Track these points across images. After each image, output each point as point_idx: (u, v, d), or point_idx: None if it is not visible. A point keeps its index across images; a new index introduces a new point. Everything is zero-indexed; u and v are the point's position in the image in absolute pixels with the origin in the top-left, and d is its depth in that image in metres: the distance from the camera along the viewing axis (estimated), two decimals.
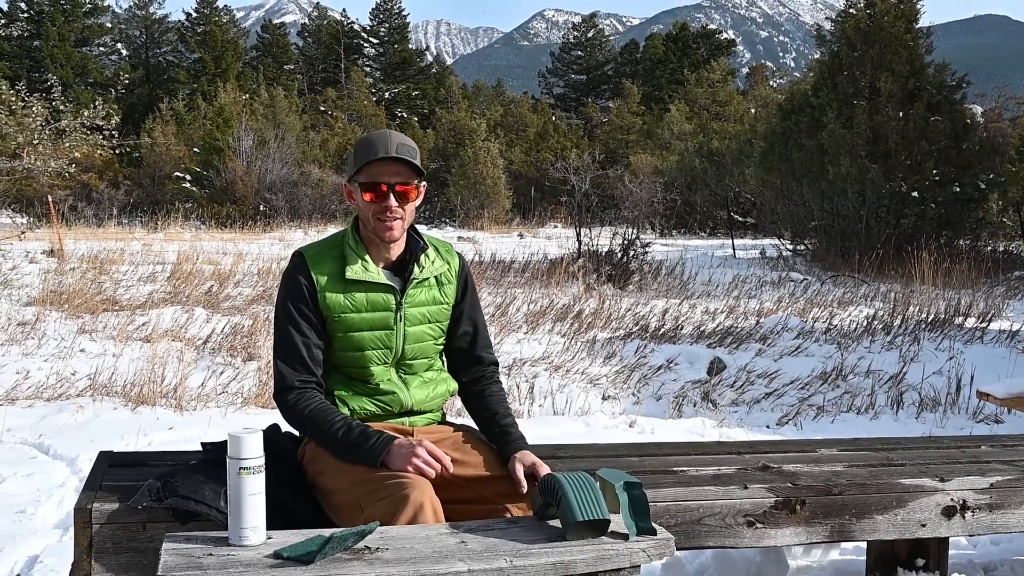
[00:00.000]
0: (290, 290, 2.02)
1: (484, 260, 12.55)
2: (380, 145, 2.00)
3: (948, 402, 5.59)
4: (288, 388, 2.00)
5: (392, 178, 2.01)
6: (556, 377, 5.86)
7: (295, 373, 2.00)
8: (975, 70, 23.41)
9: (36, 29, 43.94)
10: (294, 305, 2.01)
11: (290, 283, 2.02)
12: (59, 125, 13.40)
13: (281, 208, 25.82)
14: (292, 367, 2.00)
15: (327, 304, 2.01)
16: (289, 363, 2.00)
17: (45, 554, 2.95)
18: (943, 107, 15.38)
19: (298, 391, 1.99)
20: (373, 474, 1.87)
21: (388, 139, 2.02)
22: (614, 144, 39.59)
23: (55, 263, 11.43)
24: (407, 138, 2.06)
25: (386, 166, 2.00)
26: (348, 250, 2.04)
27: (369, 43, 58.91)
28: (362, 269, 2.03)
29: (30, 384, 5.21)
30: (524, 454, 2.00)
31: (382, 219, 2.01)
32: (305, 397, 1.99)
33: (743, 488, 2.29)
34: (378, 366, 2.05)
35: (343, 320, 2.01)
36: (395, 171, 2.01)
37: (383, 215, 2.01)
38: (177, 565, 1.53)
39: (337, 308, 2.01)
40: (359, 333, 2.02)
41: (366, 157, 2.01)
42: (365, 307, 2.03)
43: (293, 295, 2.01)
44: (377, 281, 2.04)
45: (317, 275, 2.01)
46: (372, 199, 2.01)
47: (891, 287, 10.97)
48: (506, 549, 1.63)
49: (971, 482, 2.44)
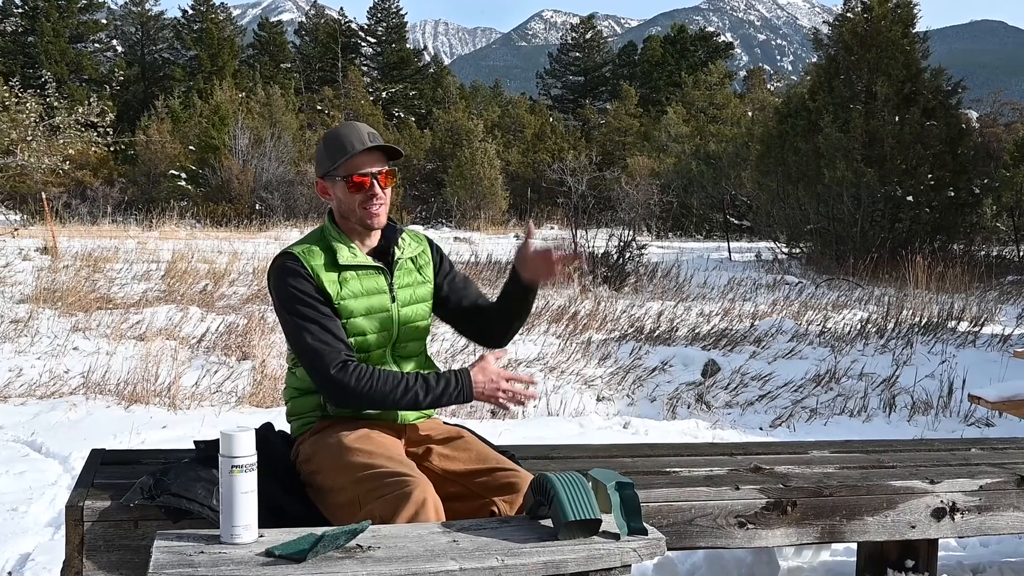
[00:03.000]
0: (291, 279, 1.99)
1: (480, 261, 12.54)
2: (354, 138, 2.04)
3: (940, 405, 5.61)
4: (343, 363, 1.93)
5: (373, 167, 2.05)
6: (551, 378, 5.86)
7: (338, 348, 1.96)
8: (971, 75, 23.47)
9: (31, 25, 43.75)
10: (300, 290, 1.98)
11: (289, 273, 2.00)
12: (53, 122, 13.35)
13: (277, 207, 25.78)
14: (330, 344, 1.95)
15: (326, 291, 2.01)
16: (325, 342, 1.95)
17: (37, 552, 2.95)
18: (939, 112, 15.44)
19: (353, 363, 1.95)
20: (373, 471, 1.87)
21: (359, 131, 2.06)
22: (611, 146, 39.64)
23: (49, 260, 11.38)
24: (368, 126, 2.11)
25: (364, 157, 2.04)
26: (333, 241, 2.06)
27: (366, 42, 58.84)
28: (351, 255, 2.05)
29: (23, 382, 5.19)
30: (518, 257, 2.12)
31: (368, 208, 2.05)
32: (363, 369, 1.95)
33: (735, 489, 2.30)
34: (377, 350, 2.07)
35: (342, 307, 2.02)
36: (375, 160, 2.06)
37: (369, 204, 2.04)
38: (168, 563, 1.53)
39: (336, 295, 2.01)
40: (359, 318, 2.03)
41: (344, 152, 2.03)
42: (361, 292, 2.04)
43: (295, 282, 1.99)
44: (368, 264, 2.07)
45: (311, 265, 2.01)
46: (358, 191, 2.04)
47: (885, 291, 11.00)
48: (498, 548, 1.63)
49: (961, 484, 2.45)
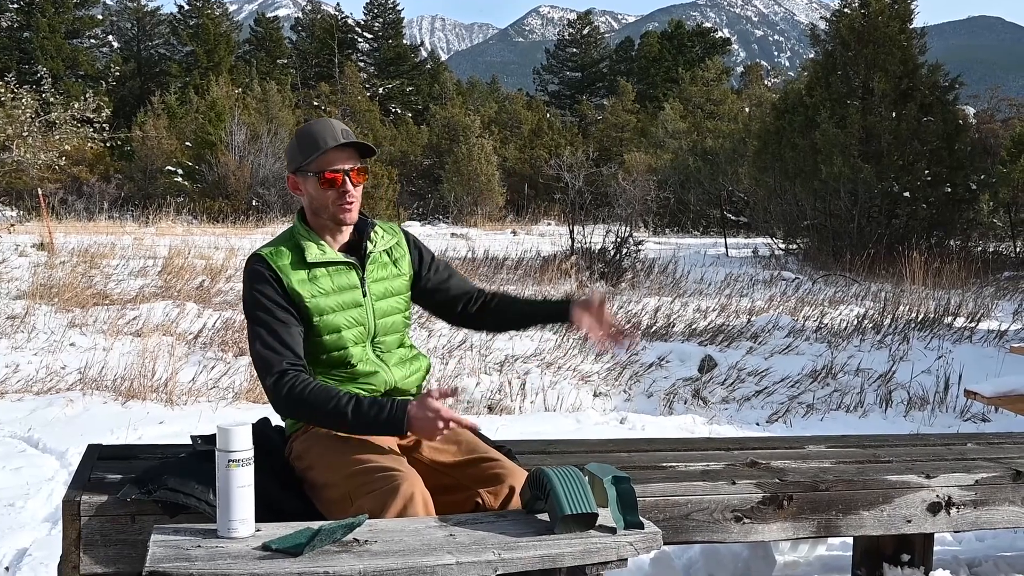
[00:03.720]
0: (255, 283, 2.00)
1: (477, 257, 12.54)
2: (327, 134, 2.03)
3: (936, 400, 5.63)
4: (280, 372, 1.93)
5: (346, 164, 2.05)
6: (548, 374, 5.87)
7: (281, 357, 1.95)
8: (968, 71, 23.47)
9: (26, 20, 43.57)
10: (263, 295, 1.98)
11: (253, 277, 2.01)
12: (49, 117, 13.32)
13: (274, 203, 25.71)
14: (276, 352, 1.95)
15: (295, 291, 2.00)
16: (272, 349, 1.95)
17: (34, 547, 2.95)
18: (936, 108, 15.44)
19: (292, 373, 1.94)
20: (362, 466, 1.87)
21: (331, 127, 2.05)
22: (608, 142, 39.63)
23: (45, 256, 11.35)
24: (342, 123, 2.11)
25: (337, 154, 2.04)
26: (302, 240, 2.06)
27: (363, 38, 58.73)
28: (320, 252, 2.05)
29: (19, 378, 5.18)
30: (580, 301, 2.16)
31: (341, 204, 2.05)
32: (299, 379, 1.93)
33: (731, 484, 2.30)
34: (356, 346, 2.05)
35: (314, 305, 2.01)
36: (347, 157, 2.05)
37: (341, 200, 2.05)
38: (165, 557, 1.53)
39: (307, 294, 2.01)
40: (332, 315, 2.03)
41: (316, 148, 2.02)
42: (332, 289, 2.04)
43: (259, 286, 1.99)
44: (338, 260, 2.06)
45: (279, 266, 2.01)
46: (330, 187, 2.04)
47: (882, 286, 11.01)
48: (494, 542, 1.64)
49: (957, 479, 2.46)
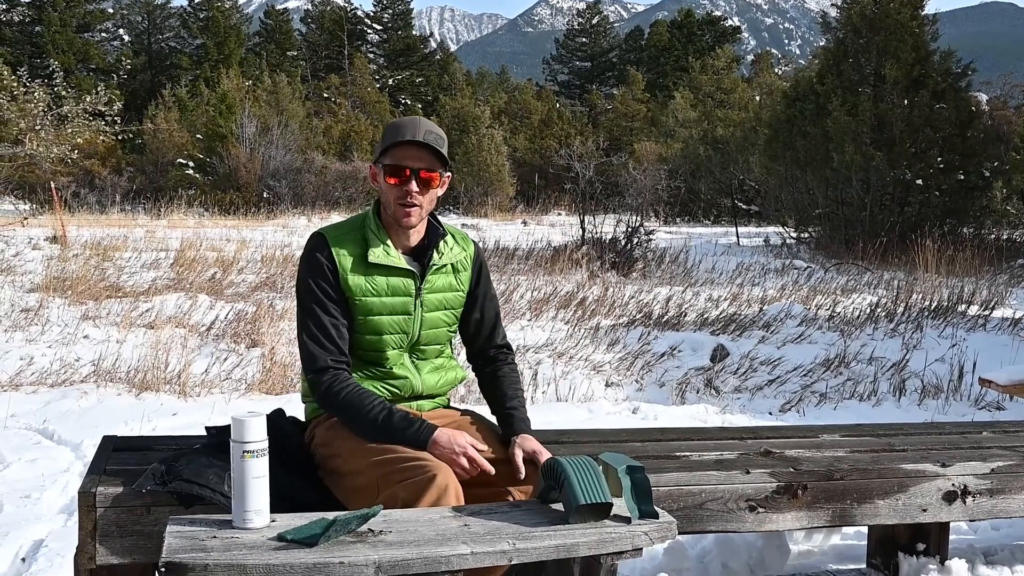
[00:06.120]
0: (312, 269, 2.01)
1: (488, 247, 12.53)
2: (408, 129, 2.00)
3: (950, 389, 5.59)
4: (322, 369, 1.97)
5: (415, 163, 2.01)
6: (560, 364, 5.86)
7: (326, 353, 1.98)
8: (981, 58, 23.18)
9: (37, 15, 43.76)
10: (317, 284, 1.99)
11: (312, 262, 2.01)
12: (61, 111, 13.38)
13: (284, 195, 25.79)
14: (322, 347, 1.98)
15: (349, 286, 2.00)
16: (319, 343, 1.98)
17: (50, 538, 2.97)
18: (948, 95, 15.30)
19: (332, 372, 1.97)
20: (391, 455, 1.87)
21: (417, 124, 2.02)
22: (618, 131, 39.46)
23: (58, 250, 11.43)
24: (437, 127, 2.05)
25: (411, 150, 2.00)
26: (369, 234, 2.04)
27: (372, 29, 58.62)
28: (384, 253, 2.03)
29: (34, 370, 5.22)
30: (524, 439, 2.00)
31: (402, 204, 2.01)
32: (340, 379, 1.96)
33: (745, 473, 2.29)
34: (393, 351, 2.05)
35: (364, 303, 2.01)
36: (420, 156, 2.01)
37: (403, 199, 2.01)
38: (181, 548, 1.54)
39: (359, 291, 2.01)
40: (378, 317, 2.02)
41: (392, 139, 2.01)
42: (386, 291, 2.03)
43: (316, 274, 2.00)
44: (398, 266, 2.04)
45: (339, 256, 2.01)
46: (395, 182, 2.01)
47: (894, 275, 10.94)
48: (509, 532, 1.64)
49: (972, 467, 2.44)
